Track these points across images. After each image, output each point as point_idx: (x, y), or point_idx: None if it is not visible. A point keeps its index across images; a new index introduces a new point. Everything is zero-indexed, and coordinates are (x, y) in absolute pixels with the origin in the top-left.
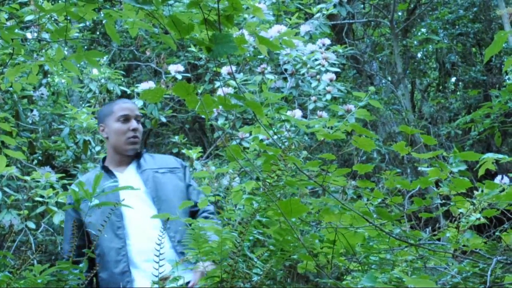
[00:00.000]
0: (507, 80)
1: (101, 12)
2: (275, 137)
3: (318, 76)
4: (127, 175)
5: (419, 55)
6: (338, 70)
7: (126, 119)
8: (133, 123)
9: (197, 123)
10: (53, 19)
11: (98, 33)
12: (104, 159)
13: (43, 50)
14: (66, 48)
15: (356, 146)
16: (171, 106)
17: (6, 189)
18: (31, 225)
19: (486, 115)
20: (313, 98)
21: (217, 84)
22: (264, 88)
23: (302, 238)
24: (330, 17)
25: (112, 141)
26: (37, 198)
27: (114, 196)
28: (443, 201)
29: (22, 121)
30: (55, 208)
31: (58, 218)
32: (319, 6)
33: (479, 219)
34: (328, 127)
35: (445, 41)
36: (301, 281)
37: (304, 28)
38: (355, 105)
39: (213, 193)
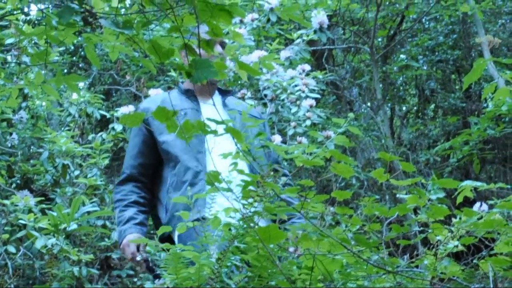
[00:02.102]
0: (486, 107)
1: (81, 36)
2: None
3: (298, 102)
4: (212, 108)
5: (398, 81)
6: (318, 96)
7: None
8: (218, 48)
9: None
10: (33, 42)
11: (78, 56)
12: (181, 83)
13: (23, 74)
14: (45, 72)
15: (335, 173)
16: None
17: None
18: (11, 249)
19: (465, 142)
20: (292, 123)
21: None
22: (243, 114)
23: (280, 265)
24: (310, 42)
25: None
26: (18, 222)
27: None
28: (421, 228)
29: (1, 144)
30: (35, 233)
31: (40, 243)
32: (299, 32)
33: (457, 246)
34: (307, 153)
35: (425, 67)
36: None
37: (284, 53)
38: (334, 132)
39: (191, 218)
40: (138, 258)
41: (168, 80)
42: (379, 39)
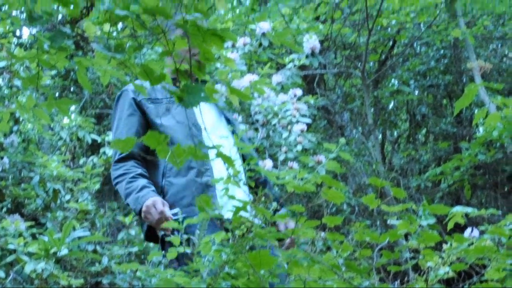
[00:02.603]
0: (477, 133)
1: (73, 60)
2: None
3: (289, 127)
4: None
5: (390, 106)
6: (309, 121)
7: None
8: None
9: None
10: (25, 65)
11: (70, 80)
12: None
13: (15, 97)
14: (37, 95)
15: (326, 198)
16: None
17: None
18: (1, 274)
19: (456, 167)
20: (284, 149)
21: None
22: (235, 138)
23: None
24: (302, 67)
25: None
26: (8, 247)
27: (190, 110)
28: (412, 254)
29: None
30: (25, 258)
31: (29, 267)
32: (291, 57)
33: (447, 272)
34: (299, 179)
35: (416, 92)
36: None
37: (276, 78)
38: (325, 157)
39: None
40: (168, 214)
41: None
42: (371, 64)
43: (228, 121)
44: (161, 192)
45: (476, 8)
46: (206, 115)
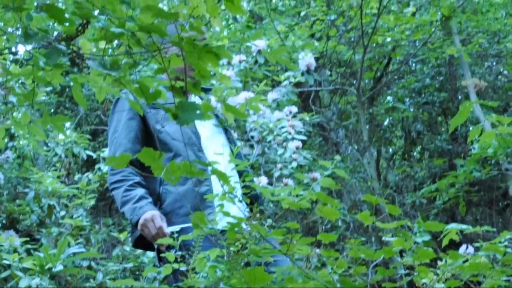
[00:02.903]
0: (472, 150)
1: (68, 76)
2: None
3: (284, 144)
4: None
5: (385, 123)
6: (305, 138)
7: None
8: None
9: None
10: (20, 82)
11: (65, 96)
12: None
13: (10, 113)
14: (32, 112)
15: (321, 215)
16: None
17: None
18: None
19: (451, 184)
20: (279, 165)
21: None
22: (230, 155)
23: None
24: (297, 84)
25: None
26: (2, 262)
27: None
28: (407, 271)
29: None
30: (20, 273)
31: (24, 283)
32: (286, 74)
33: None
34: (294, 195)
35: (411, 109)
36: None
37: (272, 95)
38: (320, 174)
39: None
40: (166, 230)
41: None
42: (366, 81)
43: (226, 131)
44: (158, 199)
45: (471, 26)
46: (204, 123)
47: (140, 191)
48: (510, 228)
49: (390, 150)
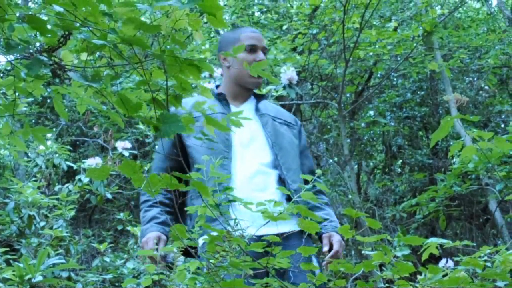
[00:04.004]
0: (453, 164)
1: (50, 88)
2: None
3: None
4: (246, 112)
5: (366, 137)
6: None
7: (252, 49)
8: (260, 55)
9: None
10: (1, 92)
11: (46, 107)
12: (217, 87)
13: None
14: (13, 122)
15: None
16: (116, 182)
17: None
18: None
19: (431, 198)
20: None
21: None
22: (211, 168)
23: None
24: (279, 97)
25: (234, 71)
26: None
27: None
28: (387, 284)
29: None
30: (0, 284)
31: None
32: (268, 87)
33: None
34: (274, 208)
35: (392, 123)
36: None
37: None
38: (301, 187)
39: (157, 271)
40: (155, 253)
41: (135, 132)
42: (347, 95)
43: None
44: (188, 215)
45: (453, 41)
46: (244, 128)
47: (153, 212)
48: (489, 243)
49: (371, 164)
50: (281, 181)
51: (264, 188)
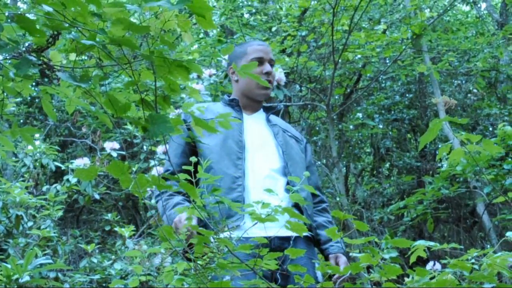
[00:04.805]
0: (441, 167)
1: (38, 88)
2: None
3: None
4: (256, 120)
5: (354, 139)
6: None
7: (259, 61)
8: (267, 67)
9: (130, 200)
10: None
11: (34, 107)
12: (228, 96)
13: None
14: (1, 122)
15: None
16: (104, 183)
17: None
18: None
19: (419, 201)
20: None
21: (152, 163)
22: (199, 169)
23: None
24: (267, 99)
25: (242, 84)
26: None
27: (238, 128)
28: (374, 287)
29: None
30: None
31: None
32: None
33: None
34: (262, 210)
35: (380, 126)
36: None
37: None
38: (289, 189)
39: (144, 272)
40: (193, 222)
41: (124, 133)
42: (336, 97)
43: (297, 140)
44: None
45: (442, 44)
46: (256, 134)
47: (177, 199)
48: (477, 246)
49: (359, 166)
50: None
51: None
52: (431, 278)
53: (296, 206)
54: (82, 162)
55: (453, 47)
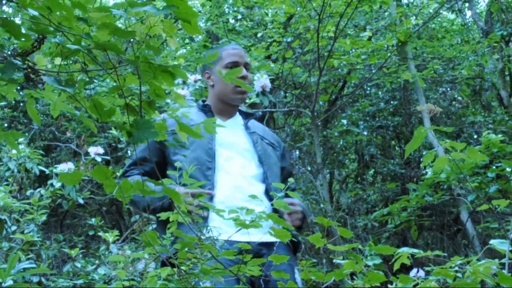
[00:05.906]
0: (425, 174)
1: (23, 92)
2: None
3: None
4: (232, 126)
5: (338, 146)
6: None
7: (234, 66)
8: (242, 71)
9: (114, 205)
10: None
11: (19, 111)
12: (203, 101)
13: None
14: None
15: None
16: (89, 188)
17: None
18: None
19: (403, 208)
20: None
21: None
22: (184, 175)
23: None
24: (252, 105)
25: (218, 89)
26: None
27: (208, 136)
28: None
29: None
30: None
31: None
32: None
33: None
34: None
35: (365, 133)
36: None
37: None
38: (273, 196)
39: (128, 277)
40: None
41: (108, 138)
42: (321, 103)
43: (273, 146)
44: None
45: (427, 51)
46: (228, 137)
47: (137, 177)
48: (460, 253)
49: (343, 172)
50: (268, 195)
51: (251, 199)
52: (415, 286)
53: (275, 211)
54: (66, 166)
55: (438, 55)
